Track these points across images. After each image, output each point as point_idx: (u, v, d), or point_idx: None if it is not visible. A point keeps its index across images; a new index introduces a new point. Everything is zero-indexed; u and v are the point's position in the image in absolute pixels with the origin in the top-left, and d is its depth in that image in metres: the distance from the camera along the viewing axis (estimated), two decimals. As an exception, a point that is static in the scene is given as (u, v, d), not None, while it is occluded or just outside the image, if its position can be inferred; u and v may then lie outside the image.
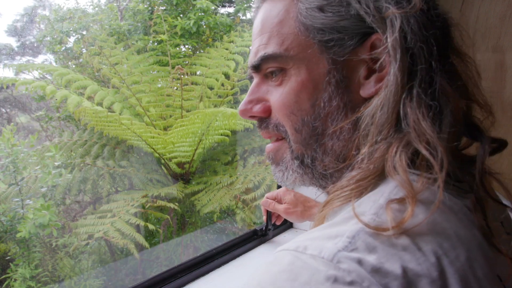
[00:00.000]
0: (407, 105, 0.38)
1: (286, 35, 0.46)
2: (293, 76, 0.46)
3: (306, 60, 0.45)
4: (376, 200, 0.36)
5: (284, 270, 0.33)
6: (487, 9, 1.14)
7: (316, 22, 0.44)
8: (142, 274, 3.39)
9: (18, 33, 5.30)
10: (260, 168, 3.67)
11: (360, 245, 0.32)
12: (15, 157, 2.96)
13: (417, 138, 0.37)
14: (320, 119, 0.46)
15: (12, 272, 2.80)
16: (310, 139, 0.47)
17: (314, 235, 0.36)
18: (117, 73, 3.63)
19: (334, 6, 0.43)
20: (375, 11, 0.41)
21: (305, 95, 0.46)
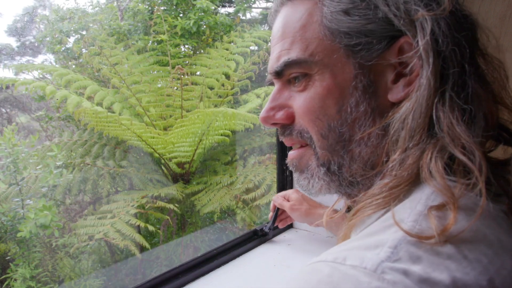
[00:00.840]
0: (440, 109, 0.37)
1: (310, 40, 0.45)
2: (317, 81, 0.45)
3: (332, 65, 0.44)
4: (413, 207, 0.35)
5: (324, 281, 0.32)
6: (487, 9, 1.14)
7: (342, 26, 0.43)
8: (142, 274, 3.39)
9: (18, 33, 5.30)
10: (260, 168, 3.67)
11: (404, 255, 0.31)
12: (16, 157, 2.96)
13: (452, 142, 0.36)
14: (347, 125, 0.44)
15: (12, 272, 2.80)
16: (336, 145, 0.45)
17: (351, 246, 0.35)
18: (117, 73, 3.63)
19: (361, 9, 0.42)
20: (405, 14, 0.40)
21: (331, 101, 0.44)
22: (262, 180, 3.39)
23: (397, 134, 0.40)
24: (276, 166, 1.43)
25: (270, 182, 3.38)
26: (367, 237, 0.35)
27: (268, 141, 4.14)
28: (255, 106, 3.78)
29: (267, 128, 4.36)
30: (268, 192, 3.34)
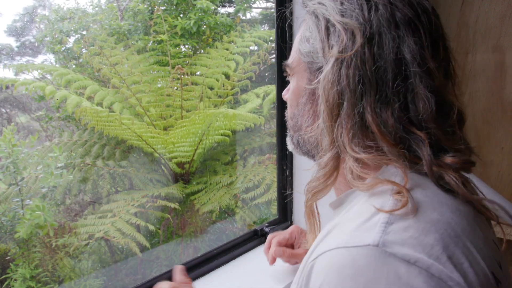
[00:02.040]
0: (337, 129, 0.50)
1: (294, 53, 0.63)
2: (292, 81, 0.65)
3: (298, 73, 0.62)
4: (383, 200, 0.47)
5: (347, 265, 0.40)
6: (487, 9, 1.14)
7: (303, 48, 0.59)
8: (142, 274, 3.39)
9: (18, 33, 5.30)
10: (260, 168, 3.67)
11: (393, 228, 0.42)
12: (16, 157, 2.96)
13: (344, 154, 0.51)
14: (299, 116, 0.63)
15: (12, 272, 2.80)
16: (295, 127, 0.65)
17: (346, 230, 0.45)
18: (117, 73, 3.63)
19: (313, 39, 0.56)
20: (325, 49, 0.52)
21: (294, 96, 0.64)
22: (261, 180, 3.39)
23: (320, 140, 0.55)
24: (276, 166, 1.43)
25: (269, 181, 3.38)
26: (355, 220, 0.45)
27: (268, 141, 4.14)
28: (255, 106, 3.78)
29: (268, 128, 4.37)
30: (268, 192, 3.35)
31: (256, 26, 5.21)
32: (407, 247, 0.39)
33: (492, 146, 1.17)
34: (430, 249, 0.39)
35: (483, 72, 1.17)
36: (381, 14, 0.49)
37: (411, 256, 0.38)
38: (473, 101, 1.20)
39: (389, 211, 0.43)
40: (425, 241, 0.40)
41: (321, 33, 0.54)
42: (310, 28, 0.58)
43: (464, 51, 1.20)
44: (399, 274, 0.38)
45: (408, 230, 0.41)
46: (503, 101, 1.15)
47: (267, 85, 4.24)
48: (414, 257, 0.38)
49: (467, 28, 1.18)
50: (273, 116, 4.04)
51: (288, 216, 1.40)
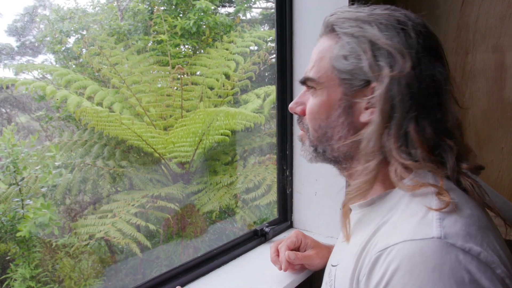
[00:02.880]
0: (386, 138, 0.59)
1: (321, 68, 0.68)
2: (319, 95, 0.69)
3: (328, 88, 0.67)
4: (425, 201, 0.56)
5: (428, 258, 0.48)
6: (487, 9, 1.14)
7: (340, 65, 0.65)
8: (143, 274, 3.39)
9: (18, 33, 5.29)
10: (260, 168, 3.67)
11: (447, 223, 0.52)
12: (16, 157, 2.96)
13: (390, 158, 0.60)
14: (330, 128, 0.68)
15: (12, 272, 2.80)
16: (322, 138, 0.70)
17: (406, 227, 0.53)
18: (117, 73, 3.63)
19: (353, 58, 0.63)
20: (376, 69, 0.60)
21: (323, 109, 0.68)
22: (262, 180, 3.39)
23: (363, 148, 0.62)
24: (276, 166, 1.43)
25: (270, 182, 3.38)
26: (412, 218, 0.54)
27: (268, 141, 4.14)
28: (255, 107, 3.78)
29: (268, 128, 4.37)
30: (268, 192, 3.35)
31: (256, 26, 5.21)
32: (461, 238, 0.49)
33: (492, 146, 1.17)
34: (475, 239, 0.49)
35: (483, 72, 1.17)
36: (416, 41, 0.59)
37: (465, 246, 0.48)
38: (473, 101, 1.20)
39: (438, 209, 0.52)
40: (470, 232, 0.50)
41: (368, 54, 0.61)
42: (348, 48, 0.64)
43: (464, 51, 1.20)
44: (459, 260, 0.47)
45: (456, 225, 0.51)
46: (503, 101, 1.15)
47: (268, 86, 4.24)
48: (467, 247, 0.48)
49: (467, 28, 1.18)
50: (274, 116, 4.04)
51: (288, 216, 1.41)
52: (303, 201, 1.37)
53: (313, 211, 1.34)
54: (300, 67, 1.31)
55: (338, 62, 0.65)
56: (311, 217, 1.35)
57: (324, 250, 0.98)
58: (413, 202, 0.57)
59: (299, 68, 1.31)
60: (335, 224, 1.25)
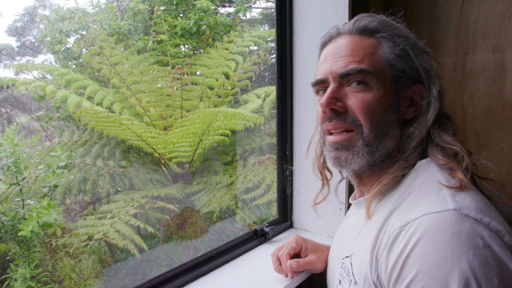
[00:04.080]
0: (435, 129, 0.70)
1: (375, 62, 0.71)
2: (375, 88, 0.70)
3: (383, 83, 0.70)
4: (441, 178, 0.64)
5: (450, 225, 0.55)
6: (487, 9, 1.14)
7: (394, 63, 0.71)
8: (142, 274, 3.39)
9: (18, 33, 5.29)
10: (260, 168, 3.67)
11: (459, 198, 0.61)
12: (17, 157, 2.96)
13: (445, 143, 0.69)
14: (385, 124, 0.71)
15: (12, 272, 2.80)
16: (378, 134, 0.71)
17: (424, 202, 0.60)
18: (117, 73, 3.63)
19: (405, 58, 0.71)
20: (425, 70, 0.71)
21: (380, 104, 0.70)
22: (262, 180, 3.39)
23: (409, 141, 0.71)
24: (276, 166, 1.43)
25: (269, 182, 3.38)
26: (427, 196, 0.62)
27: (268, 141, 4.14)
28: (255, 107, 3.78)
29: (268, 128, 4.36)
30: (268, 192, 3.34)
31: (256, 26, 5.21)
32: (473, 210, 0.56)
33: (492, 146, 1.17)
34: (483, 211, 0.56)
35: (483, 72, 1.17)
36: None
37: (477, 216, 0.55)
38: (473, 101, 1.20)
39: (451, 186, 0.60)
40: (479, 206, 0.57)
41: (417, 55, 0.71)
42: (399, 49, 0.71)
43: (464, 51, 1.20)
44: (473, 228, 0.54)
45: (466, 199, 0.58)
46: (503, 101, 1.15)
47: (267, 86, 4.23)
48: (479, 217, 0.55)
49: (467, 28, 1.18)
50: (274, 116, 4.04)
51: (288, 216, 1.40)
52: (303, 201, 1.37)
53: (313, 211, 1.34)
54: (300, 67, 1.31)
55: (393, 60, 0.70)
56: (311, 217, 1.35)
57: (325, 252, 0.97)
58: (423, 186, 0.64)
59: (299, 68, 1.31)
60: (335, 224, 1.25)
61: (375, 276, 0.64)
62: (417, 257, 0.55)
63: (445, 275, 0.52)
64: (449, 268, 0.52)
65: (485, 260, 0.52)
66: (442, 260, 0.53)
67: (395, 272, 0.58)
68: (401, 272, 0.57)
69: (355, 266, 0.70)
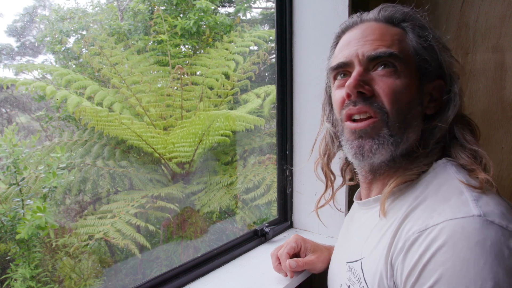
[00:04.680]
0: (458, 127, 0.68)
1: (404, 48, 0.67)
2: (402, 76, 0.66)
3: (410, 70, 0.67)
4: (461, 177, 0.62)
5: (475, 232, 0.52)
6: (487, 9, 1.14)
7: (422, 52, 0.67)
8: (142, 274, 3.39)
9: (18, 33, 5.29)
10: (260, 168, 3.67)
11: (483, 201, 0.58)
12: (16, 157, 2.95)
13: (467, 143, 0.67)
14: (410, 114, 0.66)
15: (12, 272, 2.80)
16: (401, 124, 0.66)
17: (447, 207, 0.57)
18: (117, 73, 3.63)
19: (430, 51, 0.68)
20: (449, 65, 0.68)
21: (407, 92, 0.66)
22: (262, 180, 3.39)
23: (431, 136, 0.68)
24: (276, 166, 1.43)
25: (269, 182, 3.38)
26: (448, 199, 0.58)
27: (268, 141, 4.14)
28: (255, 106, 3.78)
29: (268, 128, 4.36)
30: (268, 192, 3.34)
31: (256, 26, 5.21)
32: (498, 216, 0.53)
33: (492, 146, 1.17)
34: (508, 217, 0.53)
35: (483, 72, 1.17)
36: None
37: (502, 223, 0.52)
38: (473, 101, 1.20)
39: (473, 186, 0.58)
40: (503, 211, 0.54)
41: (440, 49, 0.68)
42: (425, 41, 0.68)
43: (464, 51, 1.20)
44: (499, 235, 0.51)
45: (490, 204, 0.55)
46: (503, 101, 1.14)
47: (267, 85, 4.23)
48: (504, 224, 0.52)
49: (467, 28, 1.18)
50: (273, 116, 4.04)
51: (288, 216, 1.40)
52: (303, 201, 1.37)
53: (315, 212, 1.34)
54: (300, 67, 1.31)
55: (419, 50, 0.67)
56: (311, 217, 1.35)
57: (325, 252, 0.96)
58: (443, 188, 0.61)
59: (299, 68, 1.31)
60: (335, 224, 1.25)
61: (391, 282, 0.60)
62: (437, 265, 0.52)
63: (466, 285, 0.49)
64: (471, 278, 0.49)
65: (510, 270, 0.49)
66: (464, 269, 0.50)
67: (412, 278, 0.55)
68: (418, 278, 0.54)
69: (367, 271, 0.66)
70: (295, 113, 1.34)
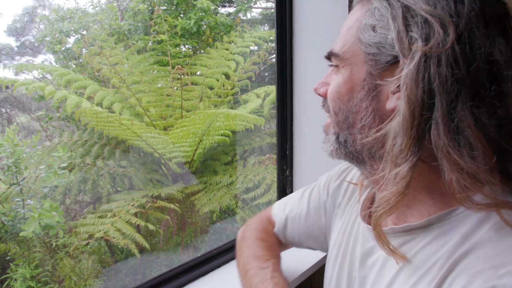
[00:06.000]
0: (433, 133, 0.44)
1: (347, 41, 0.55)
2: (341, 73, 0.57)
3: (353, 64, 0.55)
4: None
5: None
6: (487, 9, 1.13)
7: (366, 37, 0.52)
8: (142, 274, 3.39)
9: (18, 33, 5.30)
10: (260, 168, 3.67)
11: None
12: (17, 157, 2.96)
13: (449, 166, 0.44)
14: (351, 113, 0.56)
15: (12, 272, 2.80)
16: (343, 124, 0.57)
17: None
18: (117, 73, 3.63)
19: (382, 28, 0.50)
20: (406, 42, 0.46)
21: (344, 90, 0.56)
22: (262, 180, 3.39)
23: (389, 146, 0.48)
24: (276, 166, 1.43)
25: (270, 181, 3.38)
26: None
27: (268, 141, 4.14)
28: (255, 106, 3.78)
29: (268, 128, 4.37)
30: (268, 192, 3.35)
31: (256, 26, 5.21)
32: None
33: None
34: None
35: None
36: (470, 8, 0.43)
37: None
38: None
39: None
40: None
41: (398, 22, 0.47)
42: (378, 15, 0.51)
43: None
44: None
45: None
46: (503, 101, 1.14)
47: (267, 85, 4.24)
48: None
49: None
50: (273, 116, 4.04)
51: (288, 216, 1.40)
52: (303, 201, 1.37)
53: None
54: (300, 67, 1.31)
55: (365, 33, 0.52)
56: (311, 217, 1.35)
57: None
58: (508, 230, 0.44)
59: (299, 68, 1.31)
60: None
61: None
62: None
63: None
64: None
65: None
66: None
67: None
68: None
69: None
70: (295, 113, 1.34)
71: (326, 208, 0.82)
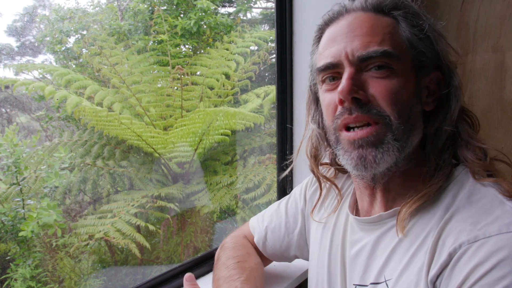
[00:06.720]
0: (462, 124, 0.64)
1: (397, 42, 0.60)
2: (400, 75, 0.59)
3: (406, 67, 0.60)
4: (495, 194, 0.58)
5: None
6: (487, 9, 1.13)
7: (416, 43, 0.60)
8: (142, 274, 3.39)
9: (18, 33, 5.30)
10: (260, 168, 3.67)
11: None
12: (17, 157, 2.96)
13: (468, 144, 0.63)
14: (412, 115, 0.61)
15: (12, 272, 2.80)
16: (407, 126, 0.60)
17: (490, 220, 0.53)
18: (117, 73, 3.63)
19: (426, 41, 0.61)
20: (448, 56, 0.61)
21: (406, 92, 0.59)
22: (262, 180, 3.39)
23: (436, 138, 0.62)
24: (276, 166, 1.43)
25: (270, 181, 3.38)
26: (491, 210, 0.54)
27: (268, 141, 4.14)
28: (255, 106, 3.78)
29: (268, 128, 4.36)
30: (268, 192, 3.35)
31: (256, 26, 5.21)
32: None
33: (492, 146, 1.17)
34: None
35: (483, 72, 1.17)
36: None
37: None
38: (473, 101, 1.20)
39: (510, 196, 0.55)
40: None
41: (441, 40, 0.61)
42: (420, 30, 0.60)
43: (464, 51, 1.20)
44: None
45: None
46: (503, 101, 1.14)
47: (267, 85, 4.24)
48: None
49: (467, 28, 1.18)
50: (273, 116, 4.04)
51: (288, 216, 1.40)
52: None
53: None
54: (300, 67, 1.31)
55: (415, 41, 0.59)
56: (311, 217, 1.35)
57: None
58: (477, 198, 0.57)
59: (299, 68, 1.31)
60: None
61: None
62: (492, 280, 0.48)
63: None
64: None
65: None
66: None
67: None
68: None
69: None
70: (295, 113, 1.34)
71: (304, 213, 0.87)
